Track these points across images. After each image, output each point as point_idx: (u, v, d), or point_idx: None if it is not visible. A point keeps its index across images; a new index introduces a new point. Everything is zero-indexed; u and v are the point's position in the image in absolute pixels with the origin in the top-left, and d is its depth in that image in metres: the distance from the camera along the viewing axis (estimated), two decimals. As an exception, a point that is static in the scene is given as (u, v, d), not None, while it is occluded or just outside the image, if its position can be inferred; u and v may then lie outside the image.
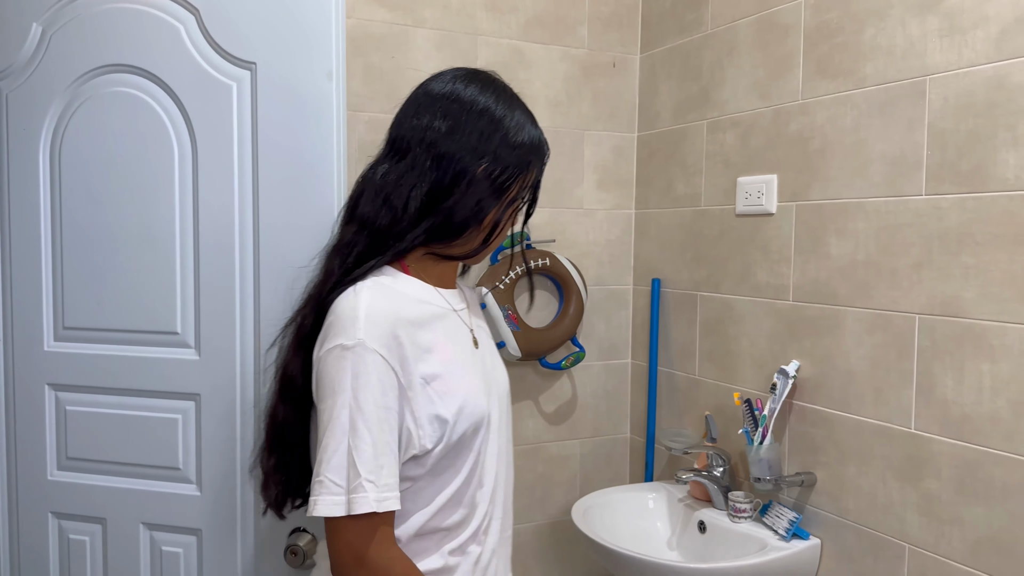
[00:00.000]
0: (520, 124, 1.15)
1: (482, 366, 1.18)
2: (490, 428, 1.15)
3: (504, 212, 1.15)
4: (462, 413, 1.07)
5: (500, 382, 1.23)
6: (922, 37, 1.56)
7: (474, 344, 1.18)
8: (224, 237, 1.37)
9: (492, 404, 1.16)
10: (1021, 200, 1.40)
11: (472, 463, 1.12)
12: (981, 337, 1.46)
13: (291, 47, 1.34)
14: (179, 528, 1.43)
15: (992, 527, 1.45)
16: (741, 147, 1.99)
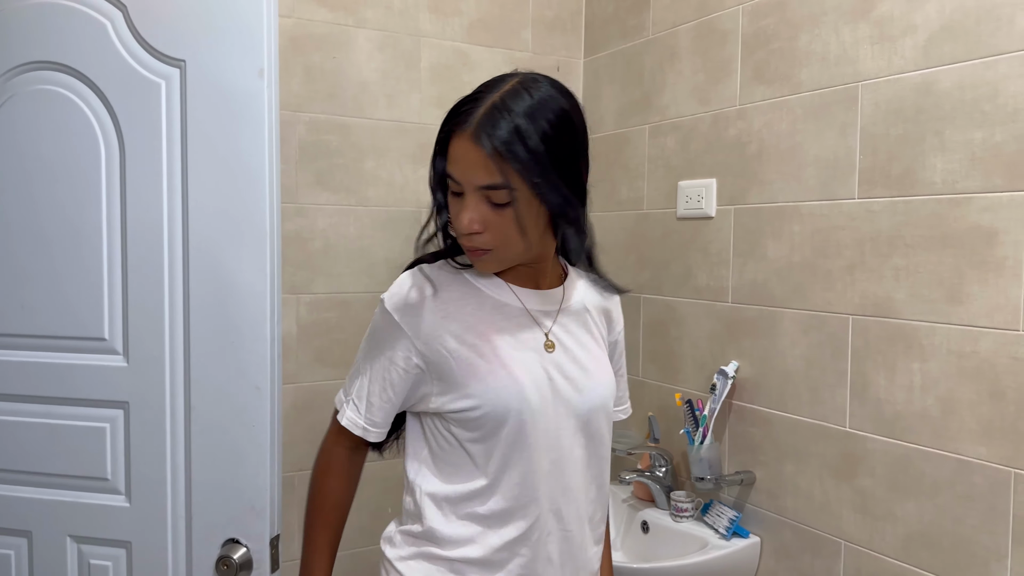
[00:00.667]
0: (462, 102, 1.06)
1: (546, 368, 1.11)
2: (527, 436, 1.09)
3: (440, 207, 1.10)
4: (487, 403, 1.07)
5: (581, 397, 1.13)
6: (854, 44, 1.59)
7: (546, 347, 1.13)
8: (153, 240, 1.33)
9: (539, 412, 1.09)
10: (948, 203, 1.44)
11: (497, 461, 1.09)
12: (911, 337, 1.50)
13: (222, 44, 1.30)
14: (108, 541, 1.38)
15: (923, 522, 1.49)
16: (682, 151, 2.02)
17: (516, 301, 1.13)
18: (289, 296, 1.99)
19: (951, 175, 1.43)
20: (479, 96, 1.03)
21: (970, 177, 1.41)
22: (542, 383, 1.10)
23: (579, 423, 1.13)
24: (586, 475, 1.15)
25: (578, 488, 1.14)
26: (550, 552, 1.11)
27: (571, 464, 1.13)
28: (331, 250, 2.04)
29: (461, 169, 1.02)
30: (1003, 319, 1.36)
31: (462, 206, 1.04)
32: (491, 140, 0.99)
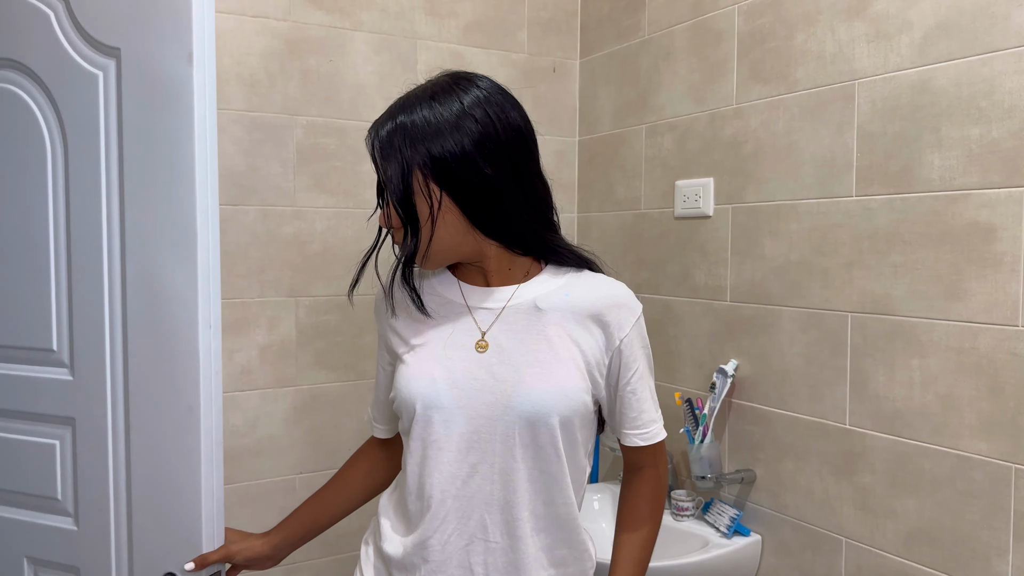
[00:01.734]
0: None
1: (474, 367, 1.08)
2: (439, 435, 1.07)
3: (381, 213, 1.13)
4: (400, 394, 1.11)
5: (511, 402, 1.06)
6: (850, 42, 1.60)
7: (478, 347, 1.09)
8: (94, 244, 1.23)
9: (453, 411, 1.07)
10: (946, 200, 1.45)
11: (419, 457, 1.09)
12: (910, 334, 1.51)
13: (152, 29, 1.17)
14: (59, 565, 1.29)
15: (923, 518, 1.50)
16: (679, 151, 2.02)
17: (460, 298, 1.14)
18: (288, 299, 1.99)
19: (948, 172, 1.44)
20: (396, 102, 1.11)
21: (967, 174, 1.41)
22: (462, 382, 1.07)
23: (511, 429, 1.06)
24: (529, 488, 1.08)
25: (513, 501, 1.07)
26: (472, 562, 1.08)
27: (502, 473, 1.07)
28: (329, 253, 2.04)
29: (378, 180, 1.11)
30: (1002, 315, 1.37)
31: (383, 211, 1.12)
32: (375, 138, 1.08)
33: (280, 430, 2.00)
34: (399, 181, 1.04)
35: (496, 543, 1.08)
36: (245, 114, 1.92)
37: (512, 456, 1.07)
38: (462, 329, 1.11)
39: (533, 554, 1.09)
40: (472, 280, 1.15)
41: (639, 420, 1.16)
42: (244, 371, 1.95)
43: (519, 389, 1.06)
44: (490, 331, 1.10)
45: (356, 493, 1.30)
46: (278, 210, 1.97)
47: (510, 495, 1.07)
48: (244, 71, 1.92)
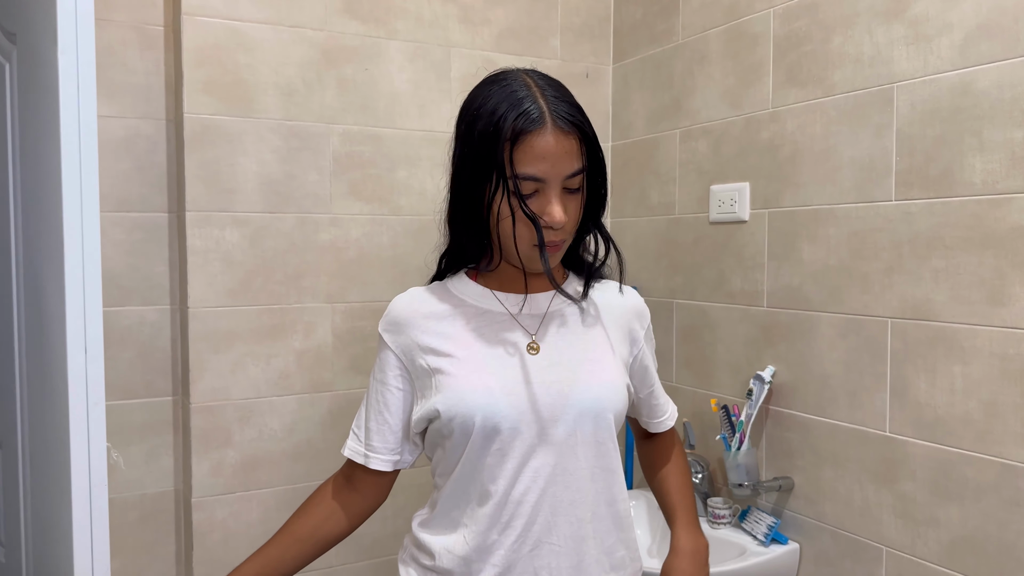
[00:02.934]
0: (487, 111, 1.03)
1: (526, 372, 1.08)
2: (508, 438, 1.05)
3: (492, 213, 1.04)
4: (454, 409, 1.05)
5: (568, 401, 1.08)
6: (888, 45, 1.58)
7: (529, 349, 1.09)
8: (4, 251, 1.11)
9: (525, 416, 1.06)
10: (988, 204, 1.42)
11: (475, 467, 1.07)
12: (952, 339, 1.48)
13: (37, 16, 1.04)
14: None
15: (967, 527, 1.47)
16: (713, 155, 2.01)
17: (500, 307, 1.12)
18: (325, 305, 2.01)
19: (991, 175, 1.42)
20: (518, 97, 1.02)
21: (1011, 177, 1.39)
22: (518, 388, 1.06)
23: (571, 429, 1.07)
24: (591, 488, 1.09)
25: (578, 501, 1.08)
26: (536, 567, 1.06)
27: (564, 473, 1.07)
28: (364, 259, 2.06)
29: (550, 164, 1.01)
30: (1047, 320, 1.34)
31: (544, 202, 1.02)
32: (573, 124, 1.02)
33: (317, 434, 2.02)
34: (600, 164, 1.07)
35: (560, 547, 1.07)
36: (283, 123, 1.95)
37: (575, 455, 1.08)
38: (510, 337, 1.10)
39: (595, 556, 1.09)
40: (508, 288, 1.13)
41: (665, 409, 1.29)
42: (282, 376, 1.97)
43: (576, 388, 1.08)
44: (538, 334, 1.11)
45: (305, 549, 1.16)
46: (315, 217, 1.99)
47: (574, 495, 1.08)
48: (281, 80, 1.94)
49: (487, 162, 1.02)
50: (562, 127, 1.01)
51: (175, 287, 1.99)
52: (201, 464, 1.91)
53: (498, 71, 1.08)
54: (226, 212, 1.90)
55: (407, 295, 1.16)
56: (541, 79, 1.06)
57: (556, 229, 1.03)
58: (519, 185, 1.01)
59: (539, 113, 1.01)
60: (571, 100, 1.05)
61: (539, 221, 1.02)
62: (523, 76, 1.06)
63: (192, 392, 1.89)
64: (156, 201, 1.98)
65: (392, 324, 1.14)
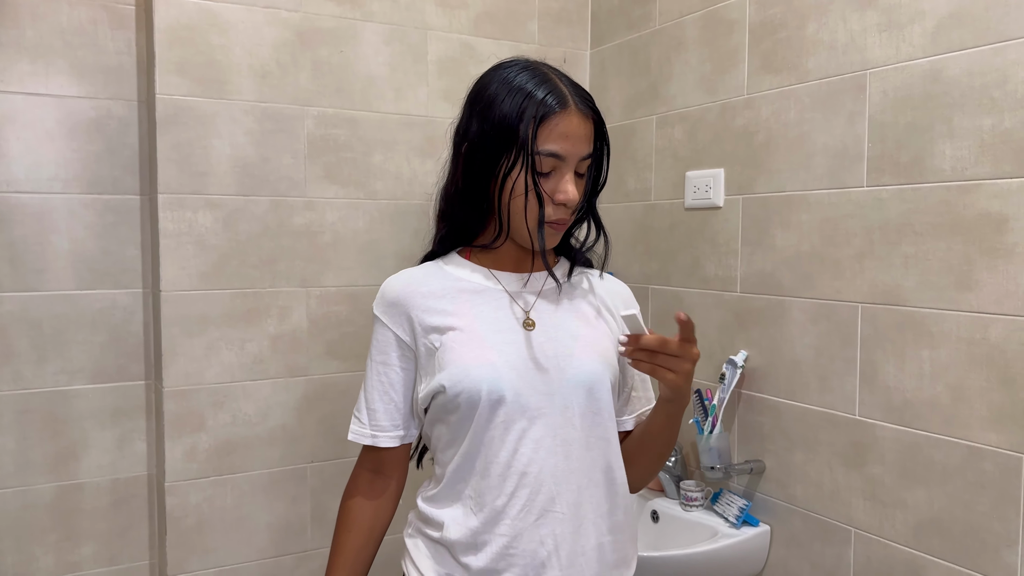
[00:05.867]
0: (511, 90, 1.08)
1: (524, 347, 1.11)
2: (512, 411, 1.09)
3: (505, 189, 1.09)
4: (460, 384, 1.08)
5: (564, 375, 1.11)
6: (862, 32, 1.59)
7: (524, 325, 1.13)
8: None
9: (526, 388, 1.09)
10: (957, 190, 1.44)
11: (481, 440, 1.09)
12: (921, 324, 1.50)
13: None
14: None
15: (933, 509, 1.49)
16: (689, 141, 2.02)
17: (497, 284, 1.16)
18: (299, 290, 2.00)
19: (960, 162, 1.43)
20: (543, 80, 1.09)
21: (979, 164, 1.41)
22: (519, 363, 1.10)
23: (569, 400, 1.11)
24: (587, 455, 1.12)
25: (577, 470, 1.11)
26: (542, 535, 1.09)
27: (564, 443, 1.10)
28: (340, 243, 2.05)
29: (571, 143, 1.07)
30: (1013, 306, 1.36)
31: (560, 180, 1.09)
32: (592, 109, 1.10)
33: (292, 419, 2.02)
34: (606, 152, 1.16)
35: (563, 514, 1.10)
36: (257, 105, 1.93)
37: (572, 426, 1.11)
38: (506, 313, 1.14)
39: (593, 520, 1.13)
40: (503, 267, 1.18)
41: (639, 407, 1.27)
42: (256, 360, 1.96)
43: (572, 361, 1.12)
44: (533, 310, 1.15)
45: (370, 553, 1.24)
46: (289, 201, 1.98)
47: (573, 464, 1.11)
48: (255, 62, 1.92)
49: (509, 137, 1.07)
50: (583, 111, 1.09)
51: (147, 270, 1.97)
52: (174, 449, 1.90)
53: (507, 59, 1.15)
54: (199, 195, 1.88)
55: (402, 276, 1.19)
56: (550, 66, 1.13)
57: (568, 207, 1.10)
58: (540, 162, 1.07)
59: (564, 95, 1.07)
60: (583, 87, 1.14)
61: (546, 199, 1.09)
62: (534, 63, 1.13)
63: (165, 376, 1.88)
64: (128, 183, 1.96)
65: (389, 305, 1.17)
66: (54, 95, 1.88)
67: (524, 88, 1.07)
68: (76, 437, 1.94)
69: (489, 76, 1.13)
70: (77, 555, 1.96)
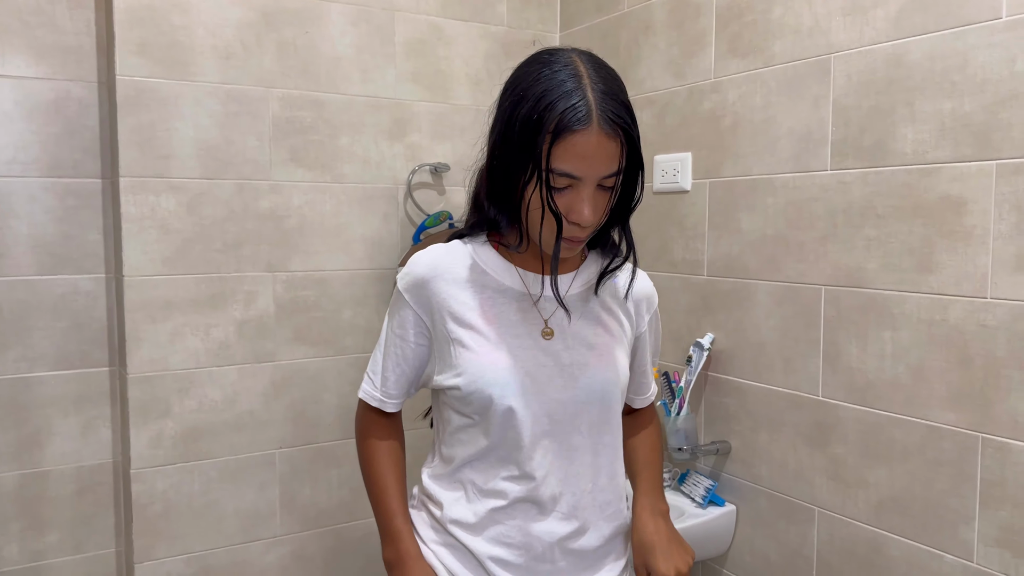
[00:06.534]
0: (535, 95, 1.00)
1: (541, 354, 1.11)
2: (514, 421, 1.09)
3: (524, 199, 1.03)
4: (473, 385, 1.09)
5: (577, 387, 1.12)
6: (827, 16, 1.60)
7: (544, 334, 1.12)
8: None
9: (526, 398, 1.09)
10: (918, 173, 1.46)
11: (490, 440, 1.11)
12: (883, 306, 1.52)
13: None
14: None
15: (894, 487, 1.52)
16: (657, 125, 2.02)
17: (521, 286, 1.13)
18: (266, 274, 1.98)
19: (921, 145, 1.45)
20: (569, 88, 0.99)
21: (940, 147, 1.42)
22: (534, 371, 1.10)
23: (580, 409, 1.12)
24: (593, 462, 1.15)
25: (583, 474, 1.14)
26: (541, 531, 1.12)
27: (570, 450, 1.12)
28: (307, 227, 2.03)
29: (588, 164, 0.99)
30: (971, 287, 1.39)
31: (576, 199, 1.01)
32: (620, 126, 0.99)
33: (259, 405, 2.00)
34: (638, 167, 1.05)
35: (564, 514, 1.13)
36: (220, 86, 1.90)
37: (580, 433, 1.13)
38: (527, 318, 1.12)
39: (594, 522, 1.16)
40: (530, 266, 1.14)
41: (649, 387, 1.32)
42: (222, 346, 1.94)
43: (586, 372, 1.12)
44: (553, 318, 1.13)
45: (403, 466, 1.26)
46: (254, 184, 1.95)
47: (579, 468, 1.13)
48: (219, 43, 1.89)
49: (525, 150, 1.00)
50: (606, 130, 0.98)
51: (110, 255, 1.94)
52: (140, 436, 1.88)
53: (550, 50, 1.05)
54: (162, 178, 1.85)
55: (430, 255, 1.15)
56: (593, 68, 1.02)
57: (583, 227, 1.03)
58: (553, 179, 1.00)
59: (587, 111, 0.98)
60: (621, 97, 1.01)
61: (563, 220, 1.02)
62: (576, 61, 1.02)
63: (129, 363, 1.85)
64: (89, 166, 1.92)
65: (414, 284, 1.14)
66: (11, 76, 1.83)
67: (547, 95, 0.98)
68: (39, 425, 1.91)
69: (523, 69, 1.05)
70: (42, 543, 1.93)
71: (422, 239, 2.12)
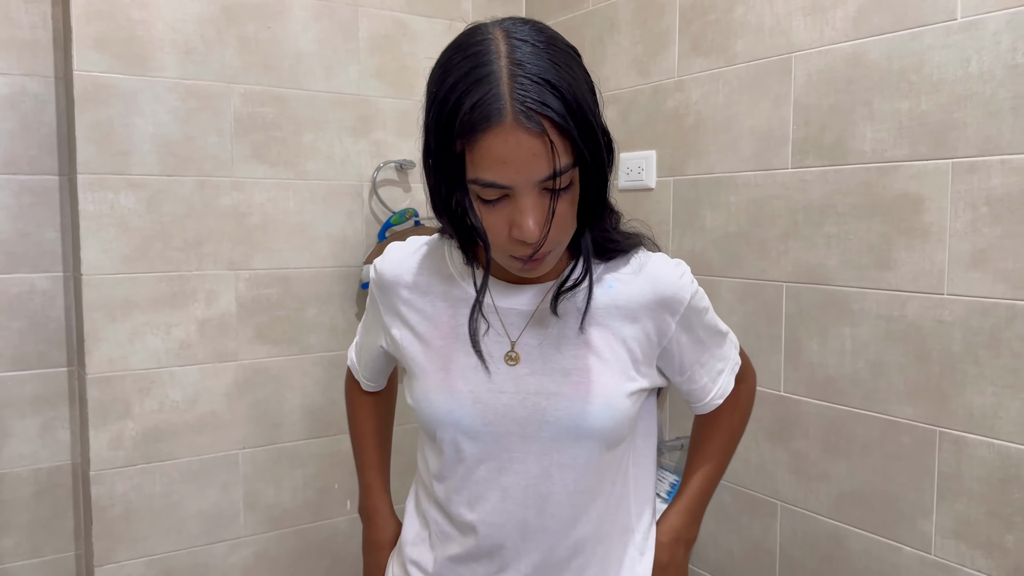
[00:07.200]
0: (442, 91, 0.81)
1: (502, 380, 0.93)
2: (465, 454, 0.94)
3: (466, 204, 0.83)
4: (420, 407, 0.96)
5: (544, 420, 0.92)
6: (788, 15, 1.62)
7: (507, 358, 0.93)
8: None
9: (493, 429, 0.93)
10: (876, 171, 1.48)
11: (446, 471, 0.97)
12: (843, 303, 1.54)
13: None
14: None
15: (854, 481, 1.54)
16: (622, 123, 2.03)
17: (488, 297, 0.94)
18: (227, 272, 1.96)
19: (880, 144, 1.47)
20: (477, 77, 0.78)
21: (897, 146, 1.44)
22: (488, 398, 0.93)
23: (547, 448, 0.92)
24: (570, 513, 0.94)
25: (551, 528, 0.94)
26: None
27: (537, 497, 0.93)
28: (270, 225, 2.01)
29: (513, 169, 0.78)
30: (928, 283, 1.41)
31: (515, 211, 0.81)
32: (543, 118, 0.77)
33: (222, 405, 1.98)
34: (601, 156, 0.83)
35: (527, 574, 0.95)
36: (180, 82, 1.87)
37: (550, 478, 0.93)
38: (491, 337, 0.93)
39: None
40: (501, 273, 0.95)
41: (706, 391, 1.05)
42: (183, 346, 1.92)
43: (556, 403, 0.92)
44: (522, 338, 0.93)
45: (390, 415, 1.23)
46: (215, 181, 1.93)
47: (548, 522, 0.94)
48: (179, 38, 1.86)
49: (441, 159, 0.82)
50: (525, 124, 0.77)
51: (68, 253, 1.91)
52: (99, 437, 1.84)
53: (471, 27, 0.84)
54: (121, 175, 1.82)
55: (398, 254, 1.02)
56: (519, 42, 0.80)
57: (528, 244, 0.82)
58: (481, 191, 0.81)
59: (499, 103, 0.77)
60: (551, 76, 0.78)
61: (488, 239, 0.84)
62: (495, 38, 0.80)
63: (88, 363, 1.82)
64: (46, 163, 1.88)
65: (377, 283, 1.03)
66: (-37, 70, 1.79)
67: (456, 89, 0.79)
68: (-6, 427, 1.87)
69: (439, 59, 0.85)
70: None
71: (388, 236, 2.10)
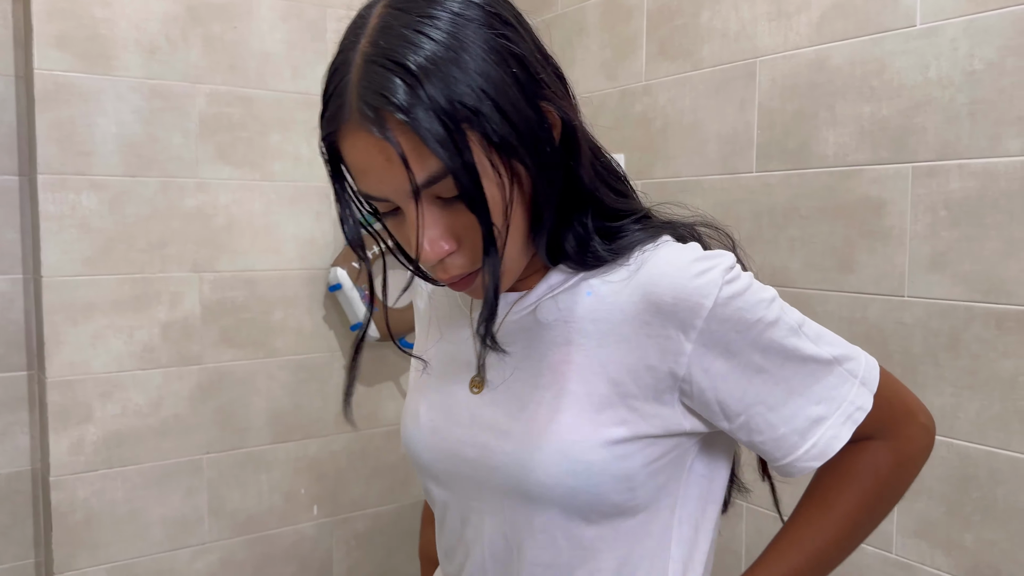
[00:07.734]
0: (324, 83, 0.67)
1: (460, 409, 0.76)
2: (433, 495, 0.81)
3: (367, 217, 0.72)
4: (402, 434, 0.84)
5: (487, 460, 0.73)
6: (753, 20, 1.63)
7: (472, 386, 0.76)
8: None
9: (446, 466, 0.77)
10: (839, 175, 1.49)
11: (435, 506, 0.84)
12: (806, 305, 1.56)
13: None
14: None
15: (817, 482, 1.56)
16: (591, 127, 2.03)
17: (466, 312, 0.81)
18: (191, 275, 1.93)
19: (842, 148, 1.49)
20: (336, 65, 0.66)
21: (859, 150, 1.46)
22: (444, 428, 0.77)
23: (498, 505, 0.73)
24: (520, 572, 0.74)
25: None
26: None
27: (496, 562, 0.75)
28: (235, 227, 1.98)
29: (375, 179, 0.63)
30: (889, 286, 1.43)
31: (406, 226, 0.66)
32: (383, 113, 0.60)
33: (186, 409, 1.95)
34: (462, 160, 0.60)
35: None
36: (144, 82, 1.85)
37: (510, 548, 0.73)
38: (463, 351, 0.78)
39: None
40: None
41: (792, 442, 0.72)
42: (146, 349, 1.89)
43: (503, 445, 0.71)
44: (487, 363, 0.76)
45: None
46: (179, 182, 1.90)
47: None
48: (143, 37, 1.84)
49: (328, 164, 0.69)
50: (364, 124, 0.61)
51: (28, 255, 1.87)
52: (60, 442, 1.81)
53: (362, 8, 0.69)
54: (83, 175, 1.79)
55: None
56: (398, 12, 0.65)
57: (436, 264, 0.67)
58: (366, 204, 0.68)
59: (344, 98, 0.62)
60: (407, 54, 0.60)
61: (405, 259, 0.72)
62: (374, 13, 0.66)
63: (48, 366, 1.79)
64: (5, 163, 1.85)
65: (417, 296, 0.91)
66: (-81, 67, 1.76)
67: (326, 85, 0.66)
68: (-50, 432, 1.83)
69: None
70: (-47, 556, 1.85)
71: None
